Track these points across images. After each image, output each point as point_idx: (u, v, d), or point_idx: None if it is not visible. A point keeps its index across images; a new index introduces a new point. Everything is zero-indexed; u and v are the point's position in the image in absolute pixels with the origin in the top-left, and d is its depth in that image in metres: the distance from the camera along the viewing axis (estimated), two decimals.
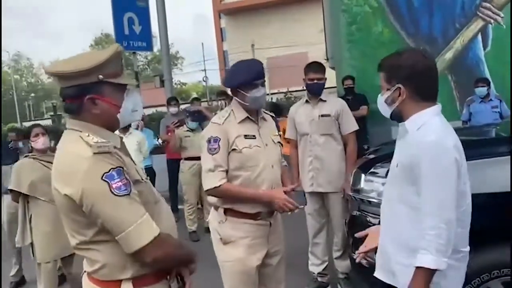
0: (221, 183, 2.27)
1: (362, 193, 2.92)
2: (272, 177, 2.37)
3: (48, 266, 3.41)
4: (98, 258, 1.46)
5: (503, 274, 2.28)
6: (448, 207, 1.54)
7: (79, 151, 1.39)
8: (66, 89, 1.46)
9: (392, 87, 1.69)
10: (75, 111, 1.49)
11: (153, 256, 1.42)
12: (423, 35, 6.95)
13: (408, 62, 1.66)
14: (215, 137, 2.30)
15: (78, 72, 1.42)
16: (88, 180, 1.36)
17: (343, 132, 3.52)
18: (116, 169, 1.39)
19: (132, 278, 1.46)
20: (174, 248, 1.54)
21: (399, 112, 1.72)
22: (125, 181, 1.39)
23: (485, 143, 3.20)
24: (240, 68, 2.39)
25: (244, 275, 2.32)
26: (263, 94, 2.33)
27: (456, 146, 1.57)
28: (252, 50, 35.50)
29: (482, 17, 6.72)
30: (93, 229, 1.42)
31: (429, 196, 1.56)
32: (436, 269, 1.53)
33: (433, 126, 1.61)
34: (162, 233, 1.44)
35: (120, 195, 1.37)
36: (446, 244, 1.53)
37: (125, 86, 1.56)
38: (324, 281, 3.69)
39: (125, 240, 1.39)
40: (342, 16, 7.24)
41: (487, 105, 6.05)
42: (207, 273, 2.49)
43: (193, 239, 5.52)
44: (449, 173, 1.54)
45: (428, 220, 1.55)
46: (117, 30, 8.50)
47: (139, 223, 1.39)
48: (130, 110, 1.57)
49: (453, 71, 6.87)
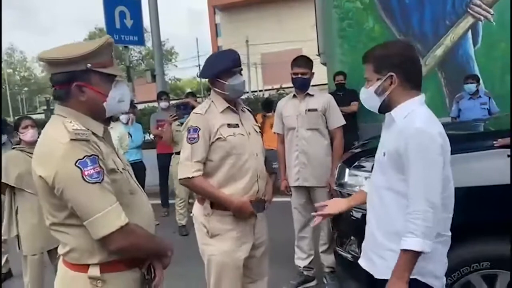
0: (194, 175, 2.28)
1: (346, 187, 2.94)
2: (257, 165, 2.38)
3: (34, 258, 3.40)
4: (68, 241, 1.51)
5: (483, 267, 2.30)
6: (434, 192, 1.59)
7: (58, 136, 1.44)
8: (55, 76, 1.52)
9: (383, 76, 1.71)
10: (63, 97, 1.53)
11: (117, 245, 1.46)
12: (413, 32, 6.97)
13: (396, 50, 1.73)
14: (195, 126, 2.30)
15: (68, 59, 1.47)
16: (62, 165, 1.40)
17: (330, 126, 3.52)
18: (91, 156, 1.42)
19: (100, 264, 1.50)
20: (142, 239, 1.56)
21: (388, 102, 1.74)
22: (98, 169, 1.42)
23: (469, 137, 3.21)
24: (217, 58, 2.41)
25: (231, 268, 2.33)
26: (241, 81, 2.34)
27: (441, 133, 1.63)
28: (246, 45, 35.45)
29: (472, 14, 6.75)
30: (64, 212, 1.46)
31: (416, 181, 1.60)
32: (421, 251, 1.57)
33: (420, 114, 1.66)
34: (131, 224, 1.47)
35: (91, 182, 1.40)
36: (432, 227, 1.57)
37: (114, 77, 1.59)
38: (310, 275, 3.71)
39: (92, 226, 1.43)
40: (334, 12, 7.25)
41: (476, 102, 6.08)
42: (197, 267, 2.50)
43: (182, 233, 5.55)
44: (435, 159, 1.59)
45: (415, 205, 1.59)
46: (108, 24, 8.46)
47: (107, 211, 1.42)
48: (117, 100, 1.60)
49: (443, 68, 6.90)
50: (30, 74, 55.78)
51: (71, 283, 1.54)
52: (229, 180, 2.32)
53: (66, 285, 1.56)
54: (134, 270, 1.59)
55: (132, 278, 1.59)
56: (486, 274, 2.30)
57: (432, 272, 1.71)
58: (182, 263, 4.21)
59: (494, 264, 2.26)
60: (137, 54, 45.15)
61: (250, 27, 37.40)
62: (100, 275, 1.50)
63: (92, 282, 1.50)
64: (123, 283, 1.56)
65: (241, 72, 2.36)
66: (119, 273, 1.54)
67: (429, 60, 6.93)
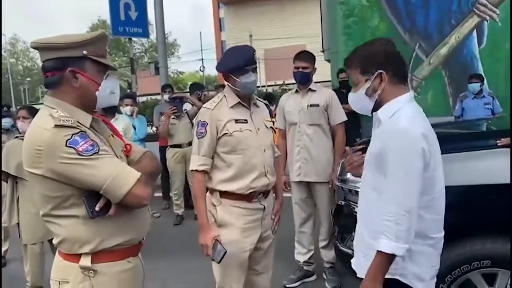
0: (198, 168, 2.33)
1: (348, 183, 2.94)
2: (264, 161, 2.39)
3: (34, 247, 3.42)
4: (58, 231, 1.54)
5: (483, 265, 2.30)
6: (410, 195, 1.55)
7: (42, 123, 1.45)
8: (49, 61, 1.52)
9: (371, 75, 1.68)
10: (55, 84, 1.53)
11: (138, 198, 1.50)
12: (419, 30, 6.97)
13: (379, 47, 1.70)
14: (203, 121, 2.34)
15: (64, 44, 1.48)
16: (53, 153, 1.41)
17: (331, 122, 3.52)
18: (78, 133, 1.44)
19: (92, 253, 1.52)
20: (154, 177, 1.66)
21: (380, 101, 1.70)
22: (90, 142, 1.45)
23: (469, 136, 3.21)
24: (233, 53, 2.41)
25: (237, 258, 2.34)
26: (253, 80, 2.35)
27: (425, 135, 1.57)
28: (250, 40, 35.36)
29: (478, 13, 6.74)
30: (50, 204, 1.49)
31: (392, 183, 1.57)
32: (393, 254, 1.54)
33: (404, 113, 1.62)
34: (141, 174, 1.52)
35: (89, 156, 1.42)
36: (407, 231, 1.54)
37: (106, 69, 1.61)
38: (310, 270, 3.72)
39: (108, 193, 1.46)
40: (339, 9, 7.24)
41: (479, 102, 6.05)
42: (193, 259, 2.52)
43: (175, 223, 5.66)
44: (413, 161, 1.55)
45: (389, 207, 1.56)
46: (113, 16, 8.45)
47: (117, 174, 1.46)
48: (108, 92, 1.62)
49: (447, 67, 6.90)
50: (33, 64, 55.73)
51: (64, 272, 1.56)
52: (237, 175, 2.33)
53: (59, 274, 1.58)
54: (128, 260, 1.61)
55: (124, 269, 1.60)
56: (486, 272, 2.31)
57: (416, 274, 1.68)
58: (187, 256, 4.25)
59: (495, 262, 2.26)
60: (140, 46, 45.10)
61: (254, 22, 37.28)
62: (91, 265, 1.52)
63: (83, 272, 1.52)
64: (114, 273, 1.57)
65: (255, 70, 2.36)
66: (110, 263, 1.56)
67: (434, 58, 6.92)
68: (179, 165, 5.68)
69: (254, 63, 2.35)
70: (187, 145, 5.54)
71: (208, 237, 2.28)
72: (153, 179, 1.66)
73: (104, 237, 1.53)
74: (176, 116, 5.58)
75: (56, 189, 1.46)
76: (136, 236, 1.64)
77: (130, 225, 1.60)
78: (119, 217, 1.53)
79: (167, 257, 4.33)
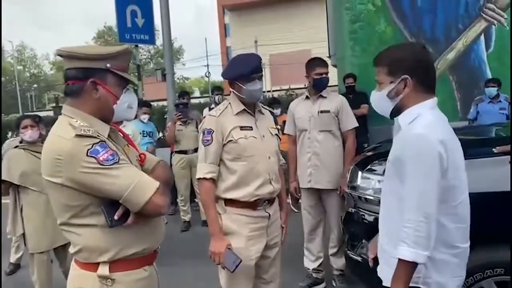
0: (205, 176, 2.33)
1: (358, 190, 2.93)
2: (269, 168, 2.39)
3: (41, 256, 3.41)
4: (76, 240, 1.54)
5: (496, 273, 2.29)
6: (428, 201, 1.53)
7: (62, 133, 1.46)
8: (72, 70, 1.54)
9: (396, 79, 1.66)
10: (75, 93, 1.55)
11: (156, 208, 1.51)
12: (425, 35, 6.93)
13: (411, 53, 1.68)
14: (208, 129, 2.35)
15: (89, 55, 1.52)
16: (74, 162, 1.41)
17: (342, 128, 3.51)
18: (99, 143, 1.45)
19: (110, 262, 1.53)
20: (168, 187, 1.66)
21: (400, 106, 1.69)
22: (110, 152, 1.46)
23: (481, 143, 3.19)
24: (239, 61, 2.41)
25: (244, 266, 2.32)
26: (259, 88, 2.36)
27: (442, 141, 1.54)
28: (255, 46, 35.46)
29: (485, 18, 6.70)
30: (68, 213, 1.50)
31: (410, 189, 1.56)
32: (414, 262, 1.53)
33: (424, 120, 1.60)
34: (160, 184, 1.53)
35: (109, 165, 1.44)
36: (427, 237, 1.52)
37: (126, 83, 1.63)
38: (319, 277, 3.70)
39: (128, 202, 1.47)
40: (345, 14, 7.22)
41: (495, 106, 6.05)
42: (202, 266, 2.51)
43: (181, 229, 5.71)
44: (430, 167, 1.53)
45: (408, 213, 1.55)
46: (119, 23, 8.46)
47: (136, 183, 1.47)
48: (126, 106, 1.64)
49: (454, 72, 6.85)
50: (39, 71, 56.23)
51: (81, 282, 1.56)
52: (241, 182, 2.33)
53: (76, 283, 1.58)
54: (144, 269, 1.62)
55: (140, 277, 1.61)
56: (500, 280, 2.29)
57: (440, 284, 1.65)
58: (194, 260, 4.24)
59: (508, 270, 2.24)
60: (146, 53, 45.37)
61: (259, 27, 37.44)
62: (109, 274, 1.52)
63: (101, 281, 1.52)
64: (131, 282, 1.57)
65: (261, 78, 2.37)
66: (128, 272, 1.57)
67: (441, 63, 6.88)
68: (184, 171, 5.70)
69: (260, 71, 2.36)
70: (192, 151, 5.55)
71: (222, 245, 2.27)
72: (168, 188, 1.67)
73: (122, 246, 1.54)
74: (182, 122, 5.59)
75: (75, 198, 1.46)
76: (152, 244, 1.65)
77: (147, 234, 1.61)
78: (136, 226, 1.53)
79: (176, 264, 4.32)
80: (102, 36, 49.28)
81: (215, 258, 2.28)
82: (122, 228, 1.51)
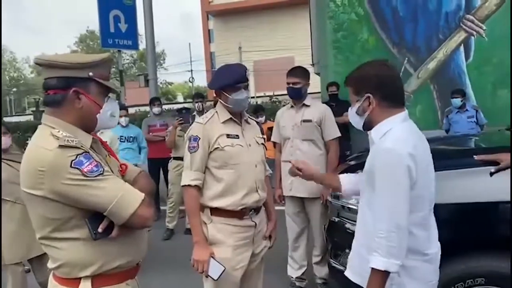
0: (191, 183, 2.31)
1: (341, 199, 2.94)
2: (255, 176, 2.39)
3: (16, 267, 3.31)
4: (57, 255, 1.48)
5: (477, 283, 2.30)
6: (399, 213, 1.59)
7: (44, 144, 1.41)
8: (53, 79, 1.49)
9: (361, 97, 1.76)
10: (57, 103, 1.50)
11: (142, 219, 1.48)
12: (407, 45, 7.07)
13: (372, 72, 1.76)
14: (195, 136, 2.34)
15: (72, 64, 1.48)
16: (57, 174, 1.37)
17: (325, 138, 3.53)
18: (83, 154, 1.42)
19: (92, 277, 1.48)
20: (150, 197, 1.61)
21: (370, 121, 1.77)
22: (95, 163, 1.42)
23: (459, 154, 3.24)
24: (224, 71, 2.42)
25: (230, 276, 2.31)
26: (245, 97, 2.36)
27: (411, 154, 1.60)
28: (239, 52, 35.55)
29: (465, 29, 6.86)
30: (49, 227, 1.45)
31: (381, 201, 1.62)
32: (386, 271, 1.58)
33: (394, 134, 1.66)
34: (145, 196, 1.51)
35: (94, 177, 1.40)
36: (398, 247, 1.58)
37: (108, 91, 1.60)
38: (302, 286, 3.70)
39: (112, 215, 1.44)
40: (329, 23, 7.31)
41: (463, 115, 6.36)
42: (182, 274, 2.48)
43: (164, 237, 5.58)
44: (399, 180, 1.59)
45: (380, 224, 1.61)
46: (102, 28, 8.42)
47: (121, 196, 1.44)
48: (109, 114, 1.60)
49: (435, 81, 6.99)
50: (19, 75, 55.27)
51: None
52: (228, 191, 2.32)
53: None
54: (126, 283, 1.58)
55: None
56: None
57: None
58: (177, 270, 4.19)
59: (489, 280, 2.27)
60: (129, 57, 45.04)
61: (243, 34, 37.54)
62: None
63: None
64: None
65: (247, 87, 2.38)
66: (111, 287, 1.52)
67: (422, 73, 7.02)
68: (179, 177, 5.53)
69: (245, 81, 2.37)
70: None
71: (205, 253, 2.25)
72: (152, 199, 1.64)
73: (106, 259, 1.50)
74: (183, 128, 5.47)
75: (57, 211, 1.41)
76: (136, 256, 1.62)
77: (130, 246, 1.58)
78: (120, 238, 1.50)
79: (159, 273, 4.27)
80: (84, 40, 48.81)
81: (198, 266, 2.26)
82: (106, 240, 1.47)
